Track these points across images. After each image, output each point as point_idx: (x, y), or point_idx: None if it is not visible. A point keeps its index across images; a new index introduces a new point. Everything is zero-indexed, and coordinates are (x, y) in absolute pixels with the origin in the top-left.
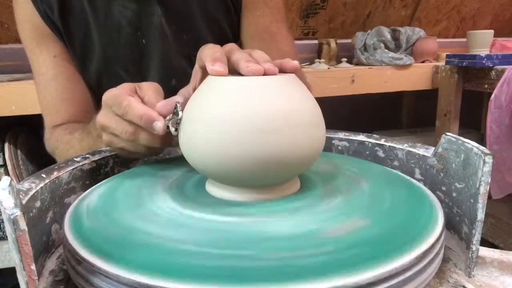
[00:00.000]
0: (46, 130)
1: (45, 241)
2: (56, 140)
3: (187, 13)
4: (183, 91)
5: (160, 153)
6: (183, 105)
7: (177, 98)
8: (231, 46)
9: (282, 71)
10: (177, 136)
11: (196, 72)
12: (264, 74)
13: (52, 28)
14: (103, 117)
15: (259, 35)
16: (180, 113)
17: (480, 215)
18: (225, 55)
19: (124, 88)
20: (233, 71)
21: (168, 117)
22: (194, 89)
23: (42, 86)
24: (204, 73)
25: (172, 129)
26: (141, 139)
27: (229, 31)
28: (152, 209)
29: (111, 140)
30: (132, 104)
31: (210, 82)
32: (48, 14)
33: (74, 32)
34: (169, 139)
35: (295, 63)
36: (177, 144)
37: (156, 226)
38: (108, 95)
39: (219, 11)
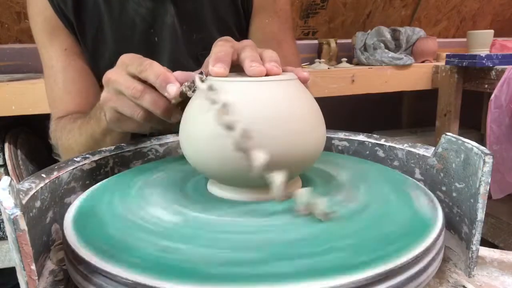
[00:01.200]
0: (52, 121)
1: (45, 241)
2: (60, 130)
3: (198, 14)
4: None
5: (150, 130)
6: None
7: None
8: (246, 43)
9: None
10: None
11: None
12: (267, 74)
13: (65, 22)
14: (112, 72)
15: (266, 40)
16: (204, 77)
17: (480, 215)
18: (231, 54)
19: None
20: (242, 68)
21: (185, 83)
22: (206, 75)
23: (51, 79)
24: None
25: (190, 91)
26: (145, 100)
27: (237, 34)
28: (152, 209)
29: (109, 97)
30: (154, 63)
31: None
32: (61, 7)
33: (87, 26)
34: (169, 114)
35: (306, 74)
36: (174, 128)
37: (156, 226)
38: (129, 55)
39: (229, 13)
